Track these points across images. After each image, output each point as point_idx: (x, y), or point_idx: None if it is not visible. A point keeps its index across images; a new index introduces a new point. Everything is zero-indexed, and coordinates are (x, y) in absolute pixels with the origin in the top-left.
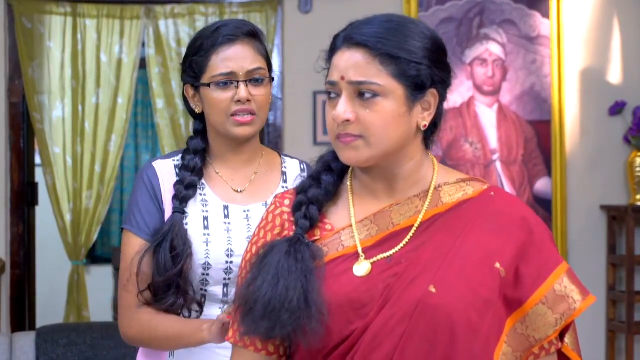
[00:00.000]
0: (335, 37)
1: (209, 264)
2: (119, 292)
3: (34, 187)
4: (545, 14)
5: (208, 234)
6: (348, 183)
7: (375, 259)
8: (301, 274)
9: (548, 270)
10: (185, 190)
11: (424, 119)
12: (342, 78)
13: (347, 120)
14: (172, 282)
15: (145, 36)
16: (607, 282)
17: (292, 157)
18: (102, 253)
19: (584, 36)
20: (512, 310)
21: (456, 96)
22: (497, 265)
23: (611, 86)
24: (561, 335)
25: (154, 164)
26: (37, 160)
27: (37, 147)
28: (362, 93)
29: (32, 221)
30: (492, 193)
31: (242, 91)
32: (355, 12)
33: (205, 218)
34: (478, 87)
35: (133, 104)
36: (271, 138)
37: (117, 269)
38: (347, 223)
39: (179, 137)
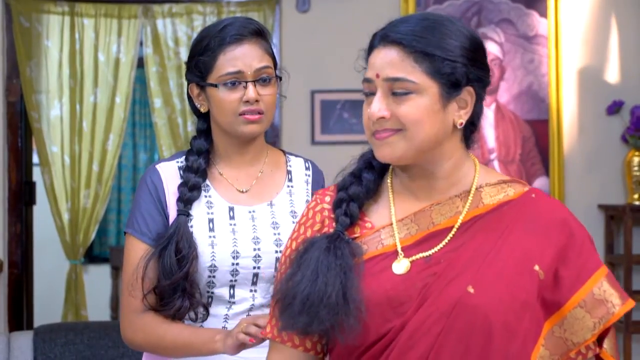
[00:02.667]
0: (373, 36)
1: (215, 266)
2: (122, 297)
3: (31, 186)
4: (543, 14)
5: (214, 237)
6: (388, 181)
7: (414, 257)
8: (340, 270)
9: (587, 274)
10: (190, 192)
11: (460, 117)
12: (377, 75)
13: (382, 118)
14: (178, 286)
15: (143, 35)
16: None
17: (296, 156)
18: (100, 252)
19: (581, 35)
20: (550, 313)
21: None
22: (536, 267)
23: (609, 85)
24: (599, 340)
25: (157, 167)
26: (35, 159)
27: (34, 147)
28: (395, 91)
29: (29, 220)
30: (533, 195)
31: (251, 92)
32: (352, 11)
33: (211, 220)
34: None
35: (131, 103)
36: (268, 137)
37: (115, 269)
38: (388, 221)
39: (176, 136)
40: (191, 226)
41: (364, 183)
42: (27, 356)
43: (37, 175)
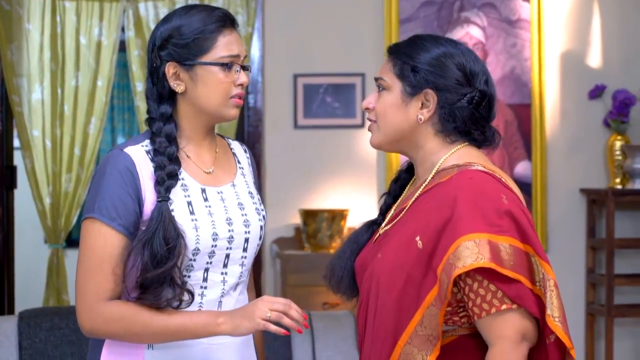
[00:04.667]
0: None
1: (198, 249)
2: (83, 284)
3: (12, 170)
4: None
5: (195, 219)
6: None
7: (382, 230)
8: (350, 247)
9: (451, 241)
10: (169, 179)
11: (422, 114)
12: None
13: (367, 109)
14: (166, 275)
15: (125, 19)
16: (587, 265)
17: (232, 139)
18: (78, 237)
19: (564, 20)
20: (433, 282)
21: None
22: (417, 238)
23: (591, 70)
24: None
25: (126, 151)
26: (16, 143)
27: (15, 130)
28: (378, 87)
29: (10, 205)
30: (453, 177)
31: (244, 76)
32: None
33: (189, 203)
34: None
35: (112, 87)
36: (251, 121)
37: None
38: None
39: None
40: (172, 210)
41: (399, 178)
42: (11, 341)
43: (18, 159)
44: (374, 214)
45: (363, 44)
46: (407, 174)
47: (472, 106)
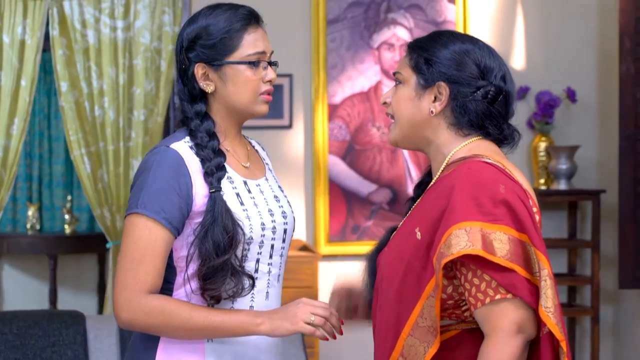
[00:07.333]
0: None
1: (251, 238)
2: (124, 277)
3: None
4: (452, 0)
5: (246, 209)
6: None
7: (398, 225)
8: (374, 251)
9: (444, 230)
10: (217, 171)
11: (434, 107)
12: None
13: (385, 103)
14: (228, 264)
15: (50, 17)
16: None
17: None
18: None
19: (488, 21)
20: (432, 273)
21: (363, 80)
22: (416, 229)
23: (515, 71)
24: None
25: (172, 147)
26: None
27: None
28: (396, 81)
29: None
30: (454, 169)
31: (272, 72)
32: None
33: (237, 194)
34: (385, 72)
35: (36, 87)
36: (178, 122)
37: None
38: None
39: (83, 120)
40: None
41: (422, 182)
42: None
43: None
44: (302, 215)
45: (290, 44)
46: (429, 177)
47: (486, 101)
